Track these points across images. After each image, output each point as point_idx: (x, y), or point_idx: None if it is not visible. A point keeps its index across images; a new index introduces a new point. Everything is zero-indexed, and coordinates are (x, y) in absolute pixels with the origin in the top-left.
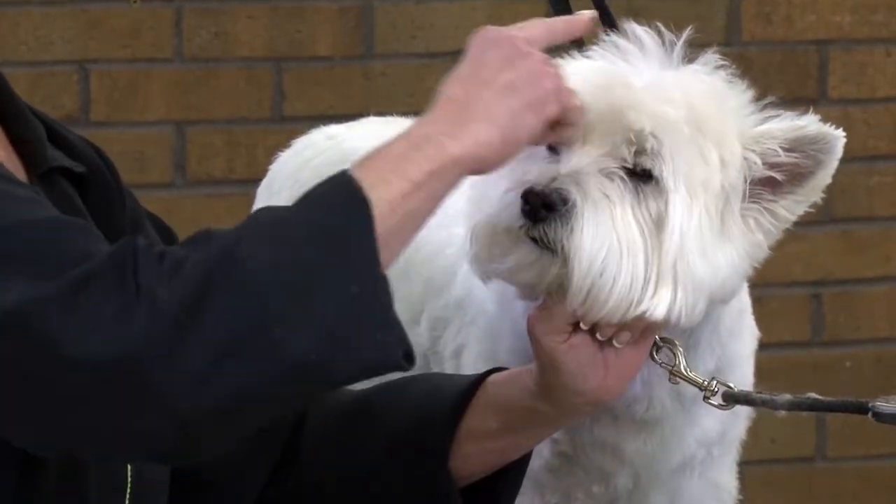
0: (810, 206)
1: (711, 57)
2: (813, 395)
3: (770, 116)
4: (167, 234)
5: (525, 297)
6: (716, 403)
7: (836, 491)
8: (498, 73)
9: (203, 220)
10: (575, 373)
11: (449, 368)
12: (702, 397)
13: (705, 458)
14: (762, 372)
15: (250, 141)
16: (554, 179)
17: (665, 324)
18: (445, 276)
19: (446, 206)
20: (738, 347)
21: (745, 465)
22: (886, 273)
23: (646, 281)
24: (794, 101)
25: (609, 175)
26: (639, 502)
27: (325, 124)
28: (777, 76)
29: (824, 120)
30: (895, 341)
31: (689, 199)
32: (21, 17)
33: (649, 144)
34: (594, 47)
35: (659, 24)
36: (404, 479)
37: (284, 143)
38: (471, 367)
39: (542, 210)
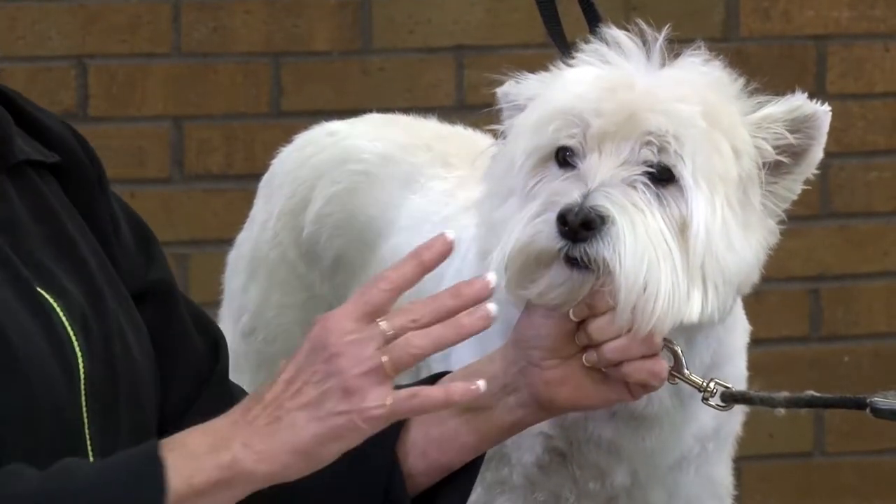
0: (808, 201)
1: (699, 50)
2: (811, 392)
3: (760, 101)
4: (143, 232)
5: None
6: (714, 404)
7: (835, 486)
8: (310, 388)
9: (201, 216)
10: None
11: (437, 370)
12: (700, 395)
13: (700, 454)
14: (760, 367)
15: (248, 136)
16: (586, 197)
17: (699, 326)
18: (433, 281)
19: (432, 212)
20: (731, 341)
21: (744, 461)
22: (884, 268)
23: (681, 286)
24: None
25: (632, 184)
26: (638, 499)
27: (322, 119)
28: (775, 71)
29: None
30: (893, 336)
31: (710, 194)
32: (18, 12)
33: (670, 145)
34: (577, 54)
35: (640, 22)
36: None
37: (282, 138)
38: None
39: (582, 230)
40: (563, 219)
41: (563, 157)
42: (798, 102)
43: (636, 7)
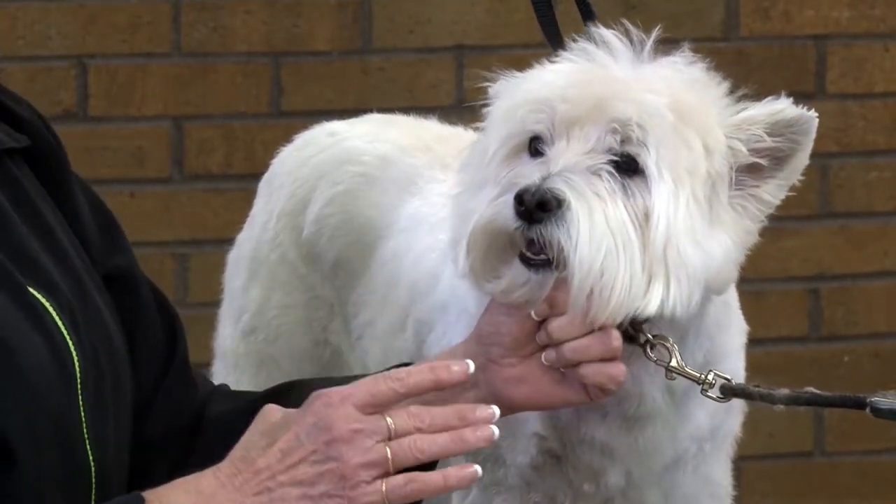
0: (808, 201)
1: (687, 51)
2: (811, 389)
3: (745, 104)
4: (104, 215)
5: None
6: (714, 396)
7: (835, 486)
8: (306, 465)
9: (201, 215)
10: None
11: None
12: (694, 392)
13: (697, 454)
14: (760, 367)
15: (248, 136)
16: (545, 179)
17: (658, 319)
18: (430, 280)
19: (430, 214)
20: (726, 340)
21: (744, 460)
22: (884, 268)
23: (639, 277)
24: (792, 95)
25: (597, 172)
26: (634, 500)
27: (322, 119)
28: (775, 71)
29: (822, 115)
30: (893, 336)
31: (674, 186)
32: (19, 12)
33: (634, 133)
34: (565, 53)
35: (626, 23)
36: None
37: (282, 138)
38: None
39: (538, 211)
40: (520, 199)
41: (535, 148)
42: (780, 106)
43: (635, 6)
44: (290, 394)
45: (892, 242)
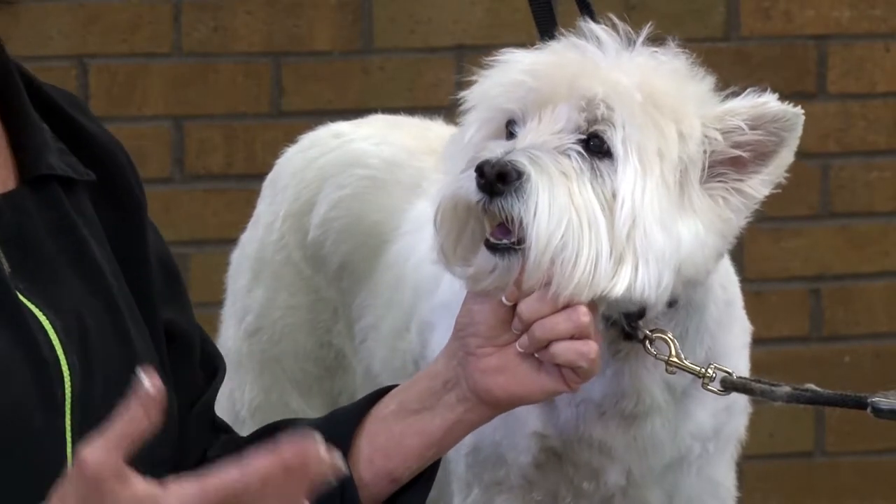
0: (808, 201)
1: (676, 48)
2: (812, 386)
3: (729, 100)
4: (169, 269)
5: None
6: (715, 389)
7: (835, 486)
8: None
9: (201, 215)
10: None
11: (424, 352)
12: (694, 390)
13: (701, 454)
14: (761, 366)
15: (249, 136)
16: (508, 153)
17: (627, 301)
18: (433, 281)
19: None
20: (727, 339)
21: (744, 460)
22: (885, 268)
23: (605, 257)
24: (793, 95)
25: (565, 152)
26: (635, 499)
27: (323, 119)
28: (776, 71)
29: (823, 115)
30: (894, 336)
31: (641, 168)
32: (19, 12)
33: (601, 111)
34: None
35: (613, 19)
36: None
37: (283, 138)
38: None
39: (498, 183)
40: (480, 170)
41: (510, 132)
42: (763, 100)
43: (635, 6)
44: (276, 435)
45: (893, 243)
